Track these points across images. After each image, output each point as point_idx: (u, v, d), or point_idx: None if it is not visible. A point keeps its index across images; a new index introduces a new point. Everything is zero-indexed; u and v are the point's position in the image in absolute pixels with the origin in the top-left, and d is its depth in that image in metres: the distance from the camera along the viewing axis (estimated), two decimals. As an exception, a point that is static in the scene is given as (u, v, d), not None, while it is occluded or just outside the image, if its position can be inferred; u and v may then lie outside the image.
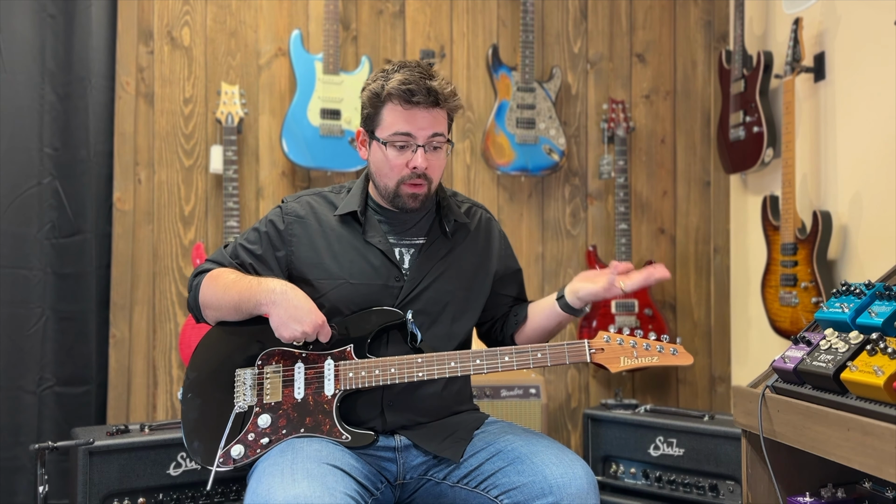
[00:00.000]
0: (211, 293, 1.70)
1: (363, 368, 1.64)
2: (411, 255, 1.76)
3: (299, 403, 1.64)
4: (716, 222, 3.33)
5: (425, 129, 1.65)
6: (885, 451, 1.27)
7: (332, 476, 1.46)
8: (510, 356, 1.64)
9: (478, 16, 3.17)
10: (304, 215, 1.76)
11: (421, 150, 1.66)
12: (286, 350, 1.67)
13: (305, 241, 1.74)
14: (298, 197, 1.81)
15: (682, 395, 3.27)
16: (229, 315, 1.69)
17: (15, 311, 2.66)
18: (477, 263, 1.82)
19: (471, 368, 1.64)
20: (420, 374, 1.63)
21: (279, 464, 1.49)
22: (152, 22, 2.90)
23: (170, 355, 2.87)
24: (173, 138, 2.91)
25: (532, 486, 1.52)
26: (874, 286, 1.54)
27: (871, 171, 2.51)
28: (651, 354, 1.62)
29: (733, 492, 2.38)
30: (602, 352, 1.63)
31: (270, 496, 1.40)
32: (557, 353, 1.63)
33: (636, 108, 3.29)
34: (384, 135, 1.67)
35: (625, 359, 1.62)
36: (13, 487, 2.65)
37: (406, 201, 1.70)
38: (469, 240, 1.82)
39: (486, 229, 1.86)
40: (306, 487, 1.40)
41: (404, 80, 1.63)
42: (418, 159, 1.65)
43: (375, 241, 1.73)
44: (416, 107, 1.64)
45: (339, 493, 1.42)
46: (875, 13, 2.49)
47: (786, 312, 2.66)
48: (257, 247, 1.76)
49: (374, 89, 1.68)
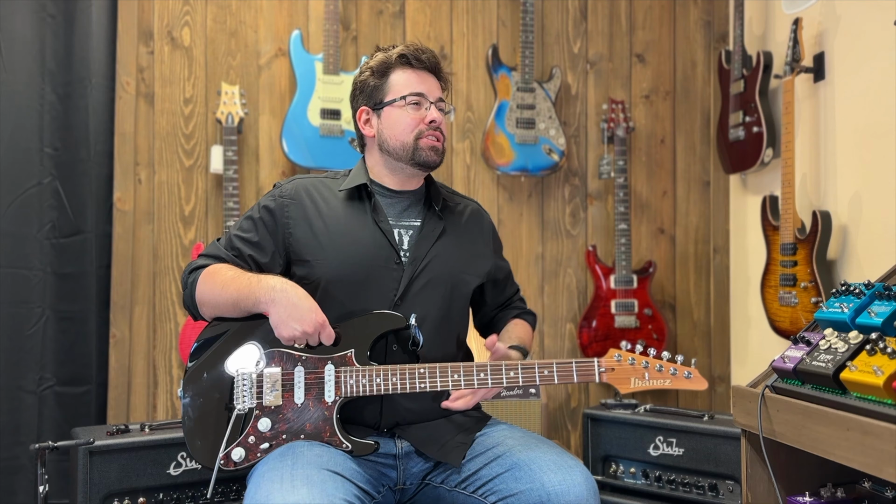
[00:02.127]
0: (208, 290, 1.67)
1: (364, 375, 1.62)
2: (410, 237, 1.76)
3: (299, 408, 1.62)
4: (715, 222, 3.33)
5: (434, 91, 1.76)
6: (884, 451, 1.27)
7: (332, 482, 1.44)
8: (515, 372, 1.60)
9: (478, 16, 3.17)
10: (298, 196, 1.75)
11: (434, 106, 1.75)
12: (286, 352, 1.65)
13: (302, 222, 1.73)
14: (292, 180, 1.81)
15: (681, 394, 3.27)
16: (227, 312, 1.67)
17: (15, 311, 2.66)
18: (470, 242, 1.85)
19: (475, 382, 1.61)
20: (422, 384, 1.60)
21: (279, 469, 1.48)
22: (152, 22, 2.90)
23: (170, 355, 2.87)
24: (173, 138, 2.91)
25: (530, 494, 1.51)
26: (874, 286, 1.54)
27: (870, 171, 2.51)
28: (664, 377, 1.57)
29: (733, 491, 2.38)
30: (612, 371, 1.58)
31: (269, 501, 1.39)
32: (565, 371, 1.59)
33: (636, 108, 3.29)
34: (399, 94, 1.74)
35: (636, 380, 1.57)
36: (13, 487, 2.64)
37: (427, 154, 1.74)
38: (461, 223, 1.85)
39: (476, 218, 1.91)
40: (305, 494, 1.39)
41: (409, 45, 1.76)
42: (434, 113, 1.74)
43: (379, 220, 1.74)
44: (423, 69, 1.75)
45: (339, 500, 1.40)
46: (875, 13, 2.49)
47: (785, 312, 2.66)
48: (253, 234, 1.74)
49: (380, 59, 1.77)
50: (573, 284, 3.21)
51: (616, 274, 3.10)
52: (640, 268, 3.17)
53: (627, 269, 3.09)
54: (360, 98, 1.80)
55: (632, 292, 3.09)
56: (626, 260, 3.09)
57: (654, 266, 3.16)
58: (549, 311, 3.18)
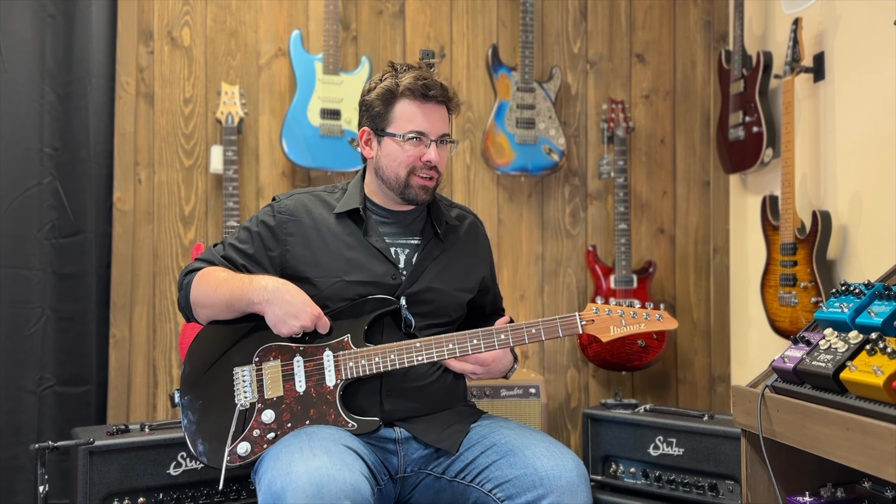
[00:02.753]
0: (202, 291, 1.70)
1: (363, 357, 1.65)
2: (406, 255, 1.78)
3: (302, 396, 1.65)
4: (715, 222, 3.33)
5: (438, 126, 1.73)
6: (884, 451, 1.27)
7: (349, 455, 1.49)
8: (506, 334, 1.67)
9: (478, 16, 3.17)
10: (297, 213, 1.77)
11: (434, 144, 1.72)
12: (283, 345, 1.68)
13: (300, 239, 1.75)
14: (291, 195, 1.82)
15: (681, 394, 3.27)
16: (221, 314, 1.70)
17: (15, 311, 2.66)
18: (468, 264, 1.87)
19: (469, 349, 1.67)
20: (420, 357, 1.65)
21: (296, 444, 1.51)
22: (152, 22, 2.90)
23: (170, 355, 2.87)
24: (173, 138, 2.91)
25: (523, 479, 1.54)
26: (873, 286, 1.54)
27: (870, 170, 2.51)
28: (638, 322, 1.68)
29: (733, 491, 2.38)
30: (592, 323, 1.68)
31: (292, 469, 1.41)
32: (550, 326, 1.67)
33: (636, 108, 3.29)
34: (401, 130, 1.72)
35: (614, 328, 1.68)
36: (13, 487, 2.64)
37: (417, 192, 1.74)
38: (459, 241, 1.87)
39: (472, 233, 1.93)
40: (326, 461, 1.42)
41: (419, 77, 1.71)
42: (432, 153, 1.72)
43: (373, 239, 1.75)
44: (430, 102, 1.72)
45: (356, 472, 1.44)
46: (875, 13, 2.49)
47: (785, 312, 2.66)
48: (248, 246, 1.76)
49: (388, 86, 1.73)
50: (573, 284, 3.21)
51: (616, 274, 3.10)
52: (640, 268, 3.17)
53: (627, 268, 3.09)
54: (364, 117, 1.80)
55: (632, 292, 3.09)
56: (626, 260, 3.09)
57: (654, 266, 3.16)
58: (549, 311, 3.18)
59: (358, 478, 1.42)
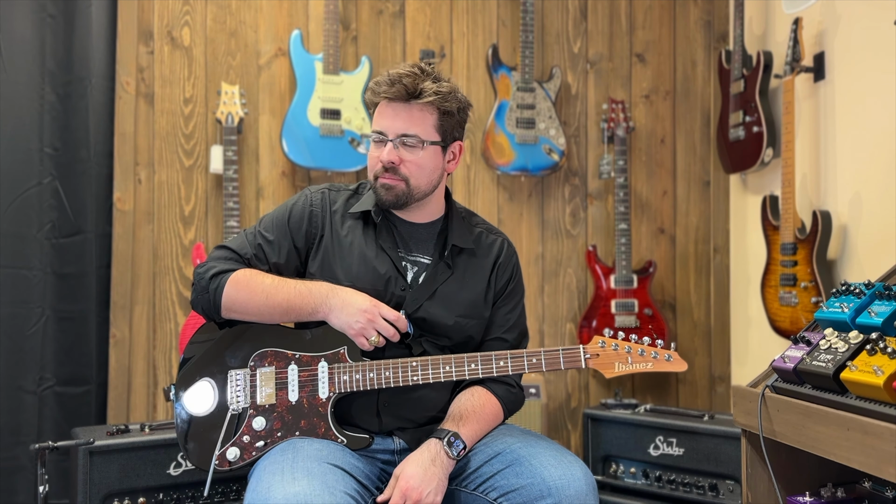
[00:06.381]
0: (244, 296, 1.65)
1: (357, 371, 1.63)
2: (414, 273, 1.73)
3: (293, 406, 1.63)
4: (715, 222, 3.33)
5: (397, 124, 1.66)
6: (884, 451, 1.27)
7: (333, 475, 1.45)
8: (505, 361, 1.63)
9: (478, 16, 3.17)
10: (325, 208, 1.76)
11: (390, 144, 1.66)
12: (279, 351, 1.66)
13: (325, 237, 1.73)
14: (320, 189, 1.80)
15: (681, 394, 3.27)
16: (269, 319, 1.67)
17: (15, 311, 2.66)
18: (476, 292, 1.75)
19: (465, 373, 1.63)
20: (415, 377, 1.62)
21: (279, 462, 1.48)
22: (152, 22, 2.90)
23: (170, 355, 2.87)
24: (173, 138, 2.91)
25: (531, 489, 1.51)
26: (874, 286, 1.54)
27: (870, 170, 2.51)
28: (646, 360, 1.62)
29: (733, 491, 2.38)
30: (597, 357, 1.63)
31: (270, 494, 1.39)
32: (552, 358, 1.62)
33: (636, 107, 3.29)
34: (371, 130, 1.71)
35: (619, 364, 1.62)
36: (13, 487, 2.64)
37: (381, 193, 1.69)
38: (472, 266, 1.76)
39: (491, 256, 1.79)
40: (306, 485, 1.39)
41: (390, 73, 1.66)
42: (384, 154, 1.66)
43: (386, 246, 1.72)
44: (387, 101, 1.67)
45: (339, 493, 1.41)
46: (875, 13, 2.49)
47: (785, 312, 2.66)
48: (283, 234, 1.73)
49: (370, 87, 1.72)
50: (573, 284, 3.21)
51: (616, 274, 3.10)
52: (641, 267, 3.17)
53: (627, 268, 3.09)
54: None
55: (632, 292, 3.09)
56: (626, 260, 3.09)
57: (654, 266, 3.16)
58: (549, 311, 3.18)
59: (340, 499, 1.39)
